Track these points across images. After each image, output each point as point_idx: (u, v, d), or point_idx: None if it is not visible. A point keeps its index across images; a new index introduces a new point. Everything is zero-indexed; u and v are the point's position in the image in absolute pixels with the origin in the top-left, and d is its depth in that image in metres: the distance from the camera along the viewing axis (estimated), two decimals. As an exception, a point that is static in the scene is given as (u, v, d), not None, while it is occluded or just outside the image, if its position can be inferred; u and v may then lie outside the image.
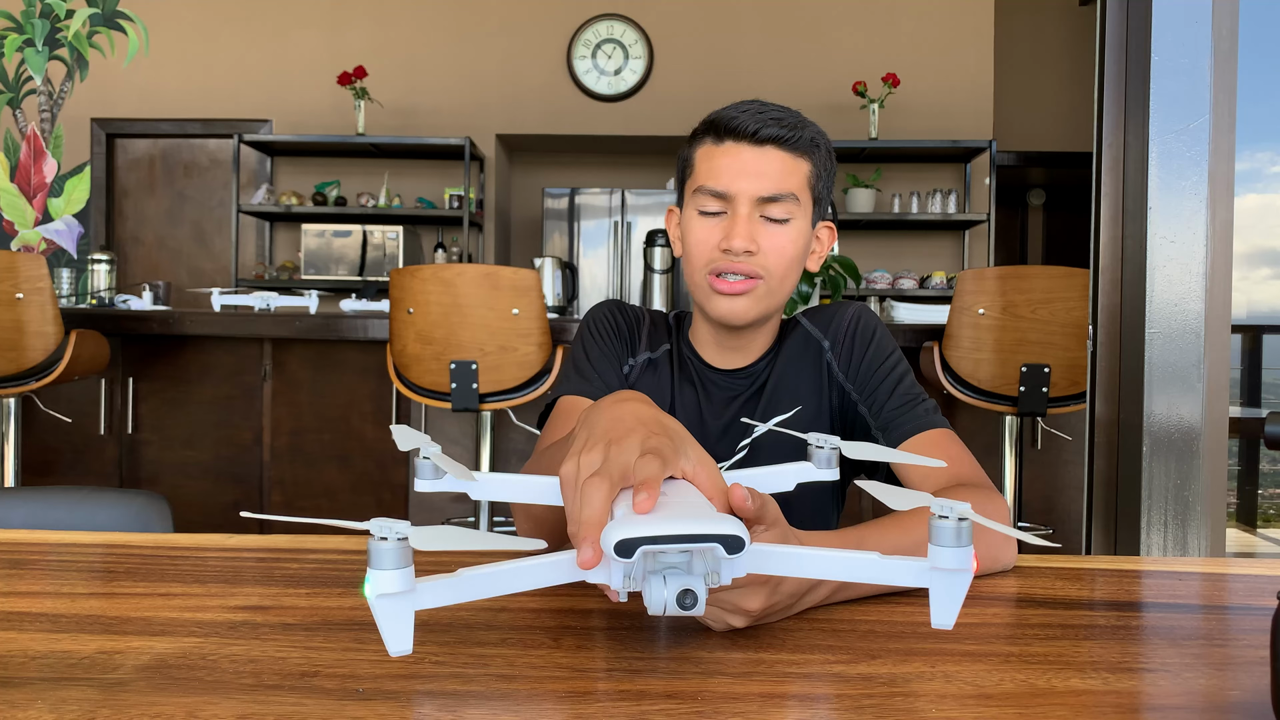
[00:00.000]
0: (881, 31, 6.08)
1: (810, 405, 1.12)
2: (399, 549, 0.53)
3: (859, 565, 0.58)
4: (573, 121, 6.13)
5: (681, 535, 0.54)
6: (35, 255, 2.68)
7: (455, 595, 0.56)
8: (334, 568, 0.84)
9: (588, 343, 1.16)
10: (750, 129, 1.05)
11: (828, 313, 1.17)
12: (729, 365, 1.16)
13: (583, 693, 0.56)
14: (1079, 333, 2.49)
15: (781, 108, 1.08)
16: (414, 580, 0.54)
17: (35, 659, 0.60)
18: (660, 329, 1.20)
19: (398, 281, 2.58)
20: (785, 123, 1.06)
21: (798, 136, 1.06)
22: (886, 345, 1.13)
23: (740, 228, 1.05)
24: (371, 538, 0.53)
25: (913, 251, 6.22)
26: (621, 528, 0.54)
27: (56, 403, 3.21)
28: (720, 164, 1.07)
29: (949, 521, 0.55)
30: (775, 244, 1.07)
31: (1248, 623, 0.73)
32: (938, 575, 0.56)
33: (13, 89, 6.21)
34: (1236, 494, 4.79)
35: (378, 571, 0.53)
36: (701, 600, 0.56)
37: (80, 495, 1.20)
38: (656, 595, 0.55)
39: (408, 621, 0.54)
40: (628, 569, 0.56)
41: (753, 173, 1.05)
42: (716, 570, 0.56)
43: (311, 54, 6.09)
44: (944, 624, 0.57)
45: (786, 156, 1.06)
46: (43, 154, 6.21)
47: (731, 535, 0.54)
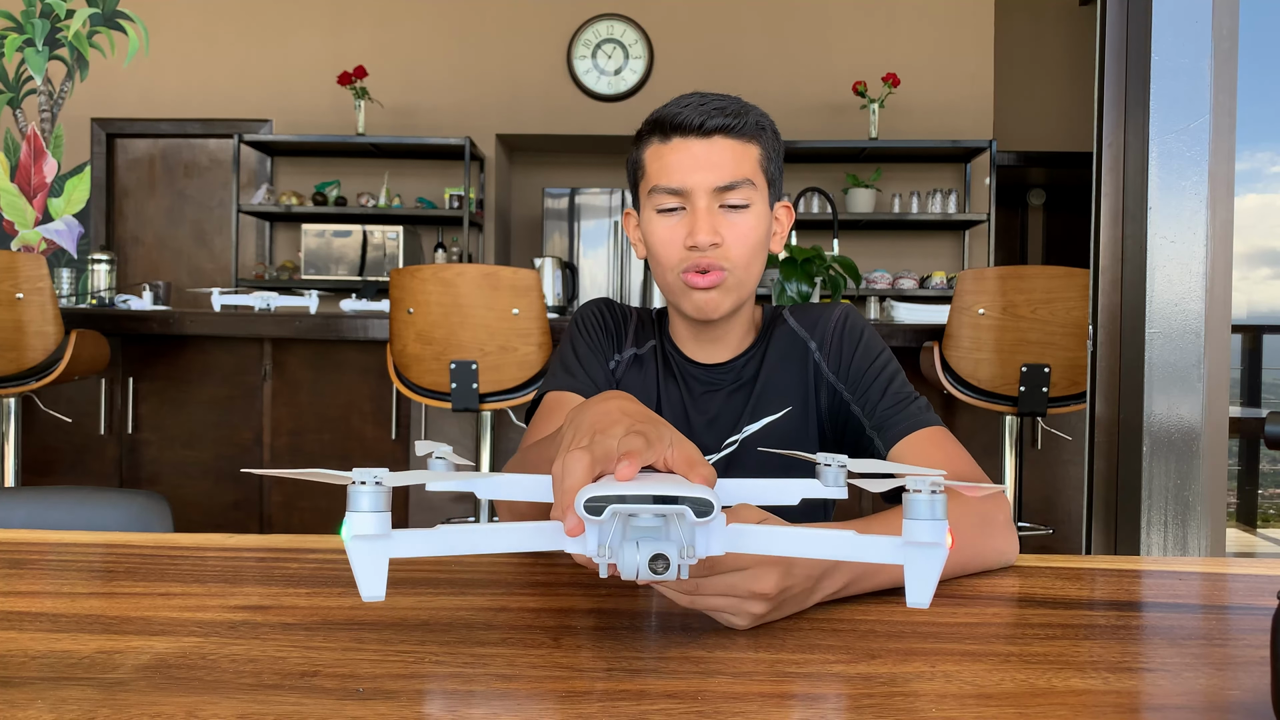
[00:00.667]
0: (881, 31, 6.08)
1: (797, 405, 1.13)
2: (376, 493, 0.55)
3: (835, 543, 0.59)
4: (573, 121, 6.13)
5: (649, 496, 0.55)
6: (35, 255, 2.68)
7: (430, 548, 0.57)
8: (334, 568, 0.84)
9: (575, 340, 1.17)
10: (696, 122, 1.06)
11: (813, 312, 1.17)
12: (710, 359, 1.16)
13: (583, 693, 0.56)
14: (1079, 333, 2.49)
15: (721, 96, 1.09)
16: (389, 527, 0.55)
17: (35, 659, 0.60)
18: (647, 326, 1.21)
19: (398, 281, 2.58)
20: (729, 110, 1.07)
21: (743, 123, 1.07)
22: (875, 344, 1.13)
23: (701, 222, 1.05)
24: (351, 483, 0.55)
25: (913, 251, 6.22)
26: (593, 489, 0.56)
27: (56, 403, 3.21)
28: (671, 161, 1.07)
29: (922, 494, 0.56)
30: (737, 233, 1.07)
31: (1248, 623, 0.73)
32: (912, 550, 0.56)
33: (13, 89, 6.21)
34: (1236, 494, 4.79)
35: (355, 514, 0.55)
36: (674, 567, 0.56)
37: (80, 495, 1.20)
38: (629, 560, 0.56)
39: (382, 567, 0.56)
40: (601, 534, 0.56)
41: (705, 165, 1.06)
42: (691, 542, 0.56)
43: (311, 54, 6.09)
44: (919, 602, 0.57)
45: (735, 144, 1.07)
46: (43, 154, 6.21)
47: (699, 498, 0.55)
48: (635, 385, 1.16)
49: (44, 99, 6.20)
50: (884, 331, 2.83)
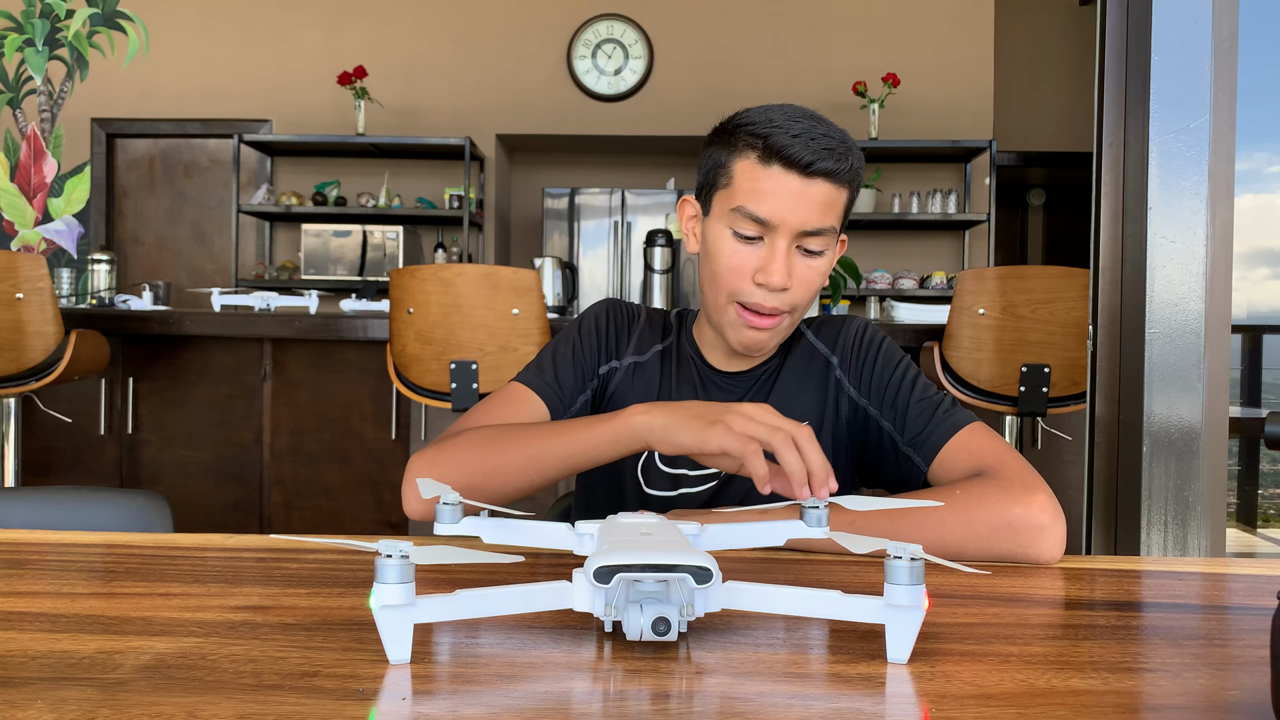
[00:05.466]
0: (881, 31, 6.07)
1: (813, 418, 1.12)
2: (401, 566, 0.59)
3: (822, 602, 0.64)
4: (573, 121, 6.13)
5: (654, 565, 0.60)
6: (35, 255, 2.68)
7: (451, 612, 0.62)
8: (334, 568, 0.84)
9: (565, 342, 1.16)
10: (805, 160, 1.00)
11: (832, 326, 1.17)
12: (731, 367, 1.16)
13: (583, 692, 0.56)
14: (1079, 333, 2.49)
15: (828, 127, 1.03)
16: (414, 595, 0.59)
17: (35, 659, 0.60)
18: (656, 329, 1.19)
19: (398, 281, 2.58)
20: (837, 153, 1.01)
21: (846, 167, 1.02)
22: (894, 354, 1.13)
23: (779, 263, 1.02)
24: (378, 555, 0.59)
25: (913, 251, 6.22)
26: (601, 557, 0.60)
27: (56, 403, 3.21)
28: (765, 188, 1.01)
29: (902, 561, 0.60)
30: (806, 278, 1.05)
31: (1248, 623, 0.73)
32: (892, 612, 0.61)
33: (13, 89, 6.21)
34: (1236, 494, 4.79)
35: (382, 585, 0.58)
36: (674, 627, 0.62)
37: (80, 495, 1.20)
38: (633, 622, 0.62)
39: (407, 632, 0.60)
40: (608, 596, 0.61)
41: (800, 206, 1.01)
42: (690, 602, 0.61)
43: (311, 54, 6.09)
44: (899, 658, 0.61)
45: (832, 189, 1.02)
46: (43, 154, 6.21)
47: (700, 567, 0.60)
48: (635, 393, 1.15)
49: (44, 99, 6.20)
50: (884, 331, 2.83)
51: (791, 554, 0.91)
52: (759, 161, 1.02)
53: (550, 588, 0.64)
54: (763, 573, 0.83)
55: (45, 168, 6.21)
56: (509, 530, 0.80)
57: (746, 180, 1.03)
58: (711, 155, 1.08)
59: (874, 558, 0.87)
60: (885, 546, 0.62)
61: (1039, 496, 0.90)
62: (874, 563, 0.88)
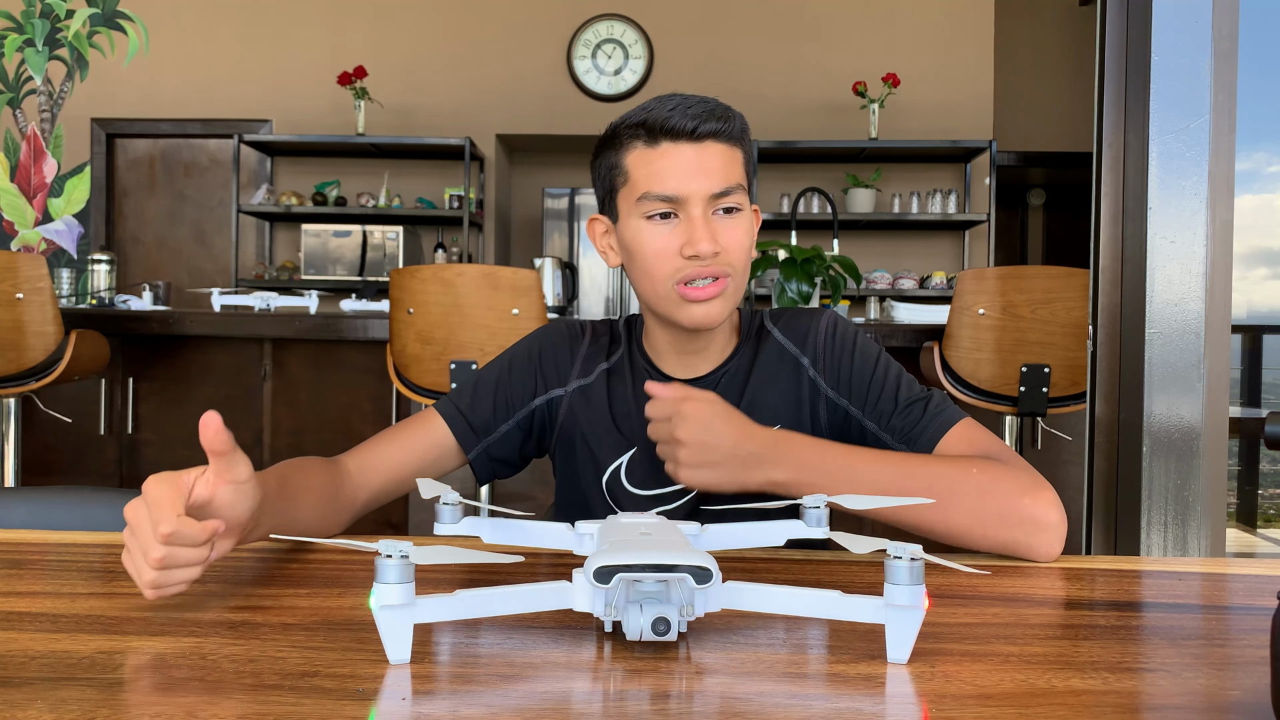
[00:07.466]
0: (881, 31, 6.07)
1: (789, 422, 1.08)
2: (401, 566, 0.59)
3: (822, 602, 0.64)
4: (573, 121, 6.13)
5: (654, 565, 0.60)
6: (35, 255, 2.68)
7: (451, 612, 0.62)
8: (334, 568, 0.84)
9: (489, 371, 1.13)
10: (688, 127, 1.01)
11: (799, 323, 1.12)
12: (688, 373, 1.11)
13: (583, 692, 0.56)
14: (1079, 333, 2.49)
15: (703, 98, 1.04)
16: (414, 595, 0.59)
17: (35, 659, 0.60)
18: (600, 346, 1.15)
19: (398, 282, 2.58)
20: (718, 114, 1.03)
21: (732, 126, 1.04)
22: (870, 350, 1.09)
23: (700, 230, 1.01)
24: (378, 555, 0.59)
25: (913, 251, 6.22)
26: (601, 557, 0.61)
27: (56, 403, 3.21)
28: (661, 166, 1.02)
29: (902, 561, 0.60)
30: (734, 238, 1.04)
31: (1248, 623, 0.73)
32: (892, 612, 0.61)
33: (13, 89, 6.21)
34: (1236, 494, 4.79)
35: (382, 585, 0.59)
36: (674, 627, 0.62)
37: (80, 495, 1.20)
38: (633, 622, 0.62)
39: (407, 632, 0.60)
40: (609, 596, 0.62)
41: (700, 171, 1.02)
42: (690, 602, 0.62)
43: (311, 54, 6.09)
44: (899, 658, 0.61)
45: (725, 148, 1.03)
46: (43, 154, 6.21)
47: (700, 567, 0.60)
48: (583, 417, 1.11)
49: (44, 99, 6.20)
50: (884, 331, 2.83)
51: (791, 554, 0.91)
52: (647, 145, 1.03)
53: (550, 588, 0.64)
54: (763, 573, 0.83)
55: (45, 168, 6.20)
56: (509, 530, 0.80)
57: (642, 167, 1.03)
58: (602, 164, 1.09)
59: (874, 558, 0.87)
60: (885, 547, 0.62)
61: (1046, 493, 0.90)
62: (874, 563, 0.88)
